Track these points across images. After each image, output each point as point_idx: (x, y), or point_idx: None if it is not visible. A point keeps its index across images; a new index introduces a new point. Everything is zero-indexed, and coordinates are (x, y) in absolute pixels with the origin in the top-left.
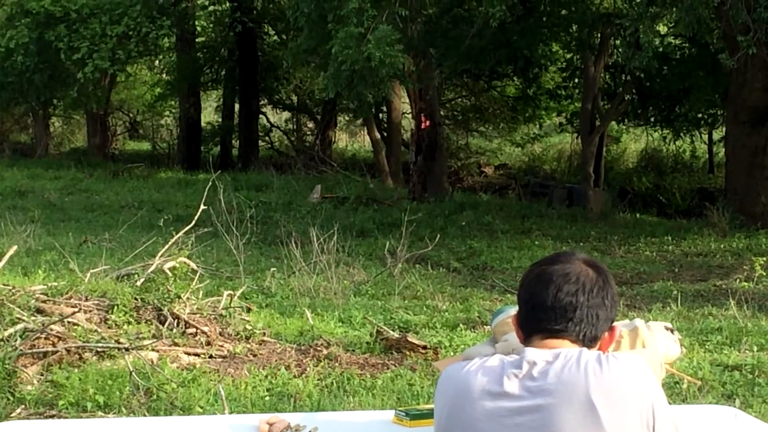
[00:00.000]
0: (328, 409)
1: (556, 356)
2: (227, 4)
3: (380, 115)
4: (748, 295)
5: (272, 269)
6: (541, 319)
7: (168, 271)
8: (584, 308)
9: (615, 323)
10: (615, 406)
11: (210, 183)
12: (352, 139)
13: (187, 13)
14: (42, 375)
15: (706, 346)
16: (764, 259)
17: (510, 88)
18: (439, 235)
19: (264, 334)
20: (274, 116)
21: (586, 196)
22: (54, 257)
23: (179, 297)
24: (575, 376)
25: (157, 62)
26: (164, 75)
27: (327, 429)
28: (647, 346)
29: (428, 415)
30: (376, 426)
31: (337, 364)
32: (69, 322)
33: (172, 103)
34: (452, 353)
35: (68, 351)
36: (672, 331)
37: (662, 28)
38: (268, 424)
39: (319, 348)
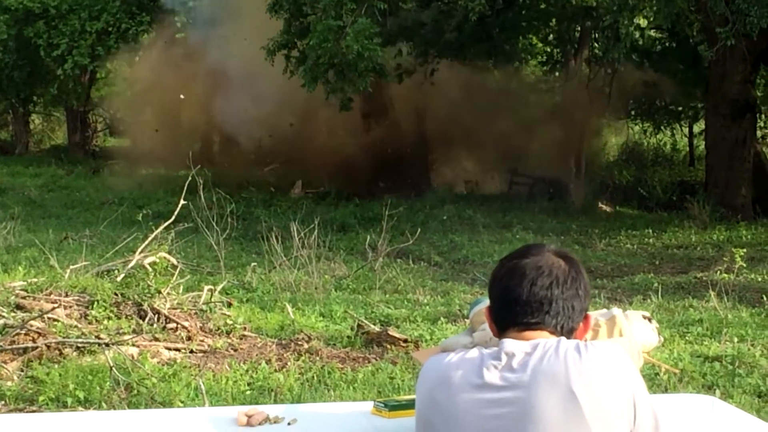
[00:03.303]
0: (309, 402)
1: (535, 347)
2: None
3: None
4: (729, 287)
5: (253, 264)
6: (518, 313)
7: (148, 267)
8: (559, 301)
9: (589, 312)
10: (596, 395)
11: (189, 178)
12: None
13: (166, 9)
14: (22, 371)
15: (687, 338)
16: (744, 250)
17: (490, 82)
18: (420, 230)
19: (245, 328)
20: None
21: (567, 189)
22: (34, 254)
23: (159, 292)
24: (555, 366)
25: (137, 58)
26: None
27: (306, 420)
28: (624, 335)
29: (407, 405)
30: (355, 417)
31: (317, 358)
32: (49, 318)
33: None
34: (433, 346)
35: (48, 347)
36: (649, 319)
37: (642, 21)
38: (246, 416)
39: (299, 342)
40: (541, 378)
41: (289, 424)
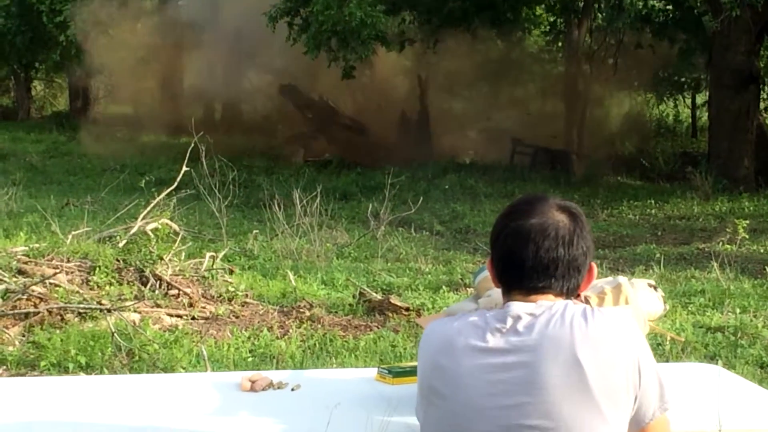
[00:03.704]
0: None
1: (541, 310)
2: None
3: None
4: (731, 258)
5: (255, 232)
6: (522, 277)
7: (150, 233)
8: (565, 261)
9: (593, 265)
10: (601, 362)
11: (192, 145)
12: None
13: None
14: (24, 336)
15: (689, 308)
16: (747, 222)
17: (493, 52)
18: (422, 199)
19: (246, 295)
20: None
21: (569, 159)
22: (36, 219)
23: (161, 258)
24: (560, 331)
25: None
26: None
27: (309, 386)
28: (630, 303)
29: (411, 372)
30: (358, 384)
31: (319, 326)
32: (51, 284)
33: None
34: (435, 312)
35: (50, 312)
36: (655, 288)
37: None
38: (250, 381)
39: (301, 310)
40: (546, 342)
41: (292, 389)
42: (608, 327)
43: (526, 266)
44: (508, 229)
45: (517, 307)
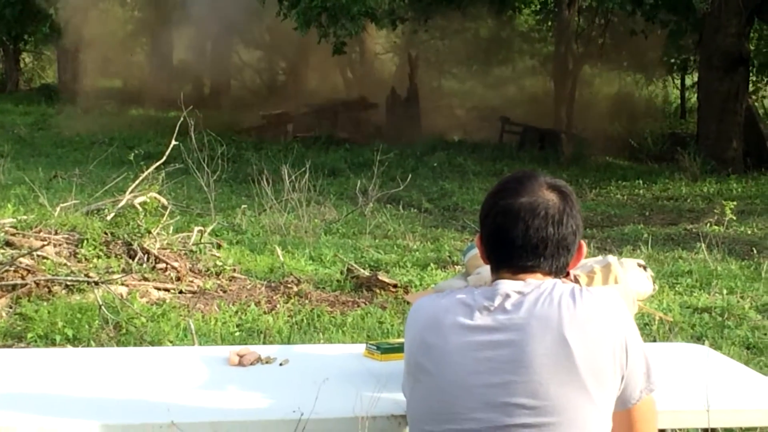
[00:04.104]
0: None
1: (530, 288)
2: None
3: (353, 55)
4: (718, 239)
5: (243, 207)
6: (512, 256)
7: (138, 206)
8: (554, 240)
9: (582, 243)
10: (588, 342)
11: (181, 119)
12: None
13: None
14: (11, 308)
15: (676, 289)
16: (735, 203)
17: (483, 30)
18: (410, 176)
19: (234, 270)
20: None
21: (558, 139)
22: (23, 191)
23: (149, 232)
24: (548, 310)
25: None
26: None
27: (297, 361)
28: (620, 282)
29: (399, 349)
30: (347, 359)
31: (307, 301)
32: (38, 256)
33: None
34: (422, 290)
35: (37, 284)
36: (644, 268)
37: None
38: (238, 355)
39: (289, 285)
40: (534, 322)
41: (280, 364)
42: (596, 307)
43: (516, 245)
44: (497, 207)
45: (506, 285)
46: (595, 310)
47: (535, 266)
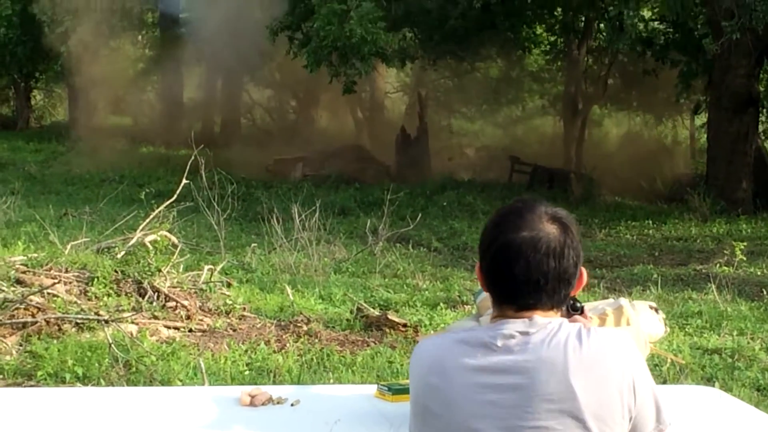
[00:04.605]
0: (308, 384)
1: (535, 329)
2: None
3: (363, 94)
4: (728, 280)
5: (253, 245)
6: (513, 292)
7: (149, 245)
8: (555, 275)
9: (583, 270)
10: (594, 385)
11: (192, 158)
12: (334, 118)
13: None
14: (21, 345)
15: (686, 330)
16: (744, 244)
17: (493, 70)
18: (420, 215)
19: (244, 309)
20: (256, 93)
21: (567, 179)
22: (34, 229)
23: (160, 270)
24: (554, 353)
25: (140, 37)
26: (147, 50)
27: (309, 402)
28: (632, 324)
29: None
30: (358, 400)
31: (317, 341)
32: (49, 294)
33: (154, 78)
34: (432, 332)
35: (47, 322)
36: (656, 310)
37: (646, 12)
38: (249, 395)
39: (299, 324)
40: (539, 365)
41: (292, 405)
42: (603, 348)
43: (518, 281)
44: (498, 242)
45: (511, 325)
46: (602, 352)
47: (537, 301)
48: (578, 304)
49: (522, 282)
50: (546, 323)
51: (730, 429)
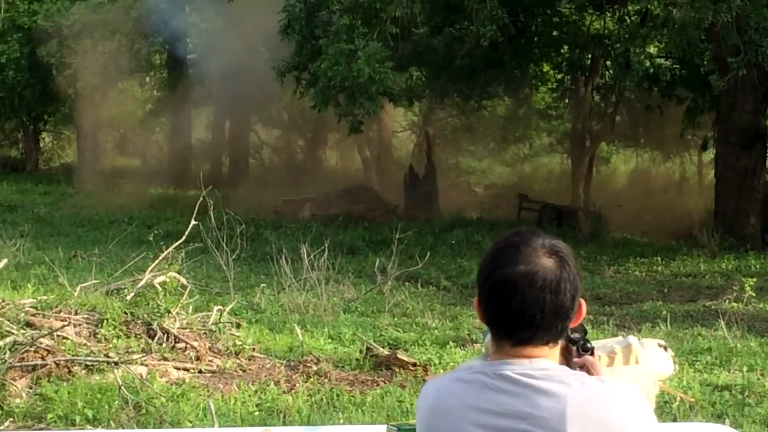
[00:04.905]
0: (318, 425)
1: (537, 373)
2: (220, 22)
3: (371, 133)
4: (738, 316)
5: (262, 285)
6: (510, 327)
7: (158, 286)
8: (552, 308)
9: (582, 302)
10: None
11: (200, 199)
12: (342, 158)
13: (178, 31)
14: (31, 388)
15: (696, 366)
16: (754, 280)
17: (500, 108)
18: (428, 254)
19: (253, 349)
20: (264, 133)
21: (576, 216)
22: (43, 271)
23: (169, 312)
24: (552, 402)
25: (148, 79)
26: (155, 92)
27: None
28: (640, 363)
29: None
30: None
31: (326, 381)
32: (58, 336)
33: (163, 119)
34: (442, 371)
35: (57, 364)
36: (665, 348)
37: (652, 49)
38: None
39: (308, 364)
40: (537, 412)
41: None
42: (605, 398)
43: (513, 315)
44: (494, 277)
45: (512, 367)
46: (603, 402)
47: (533, 335)
48: (588, 345)
49: (518, 316)
50: (546, 367)
51: None
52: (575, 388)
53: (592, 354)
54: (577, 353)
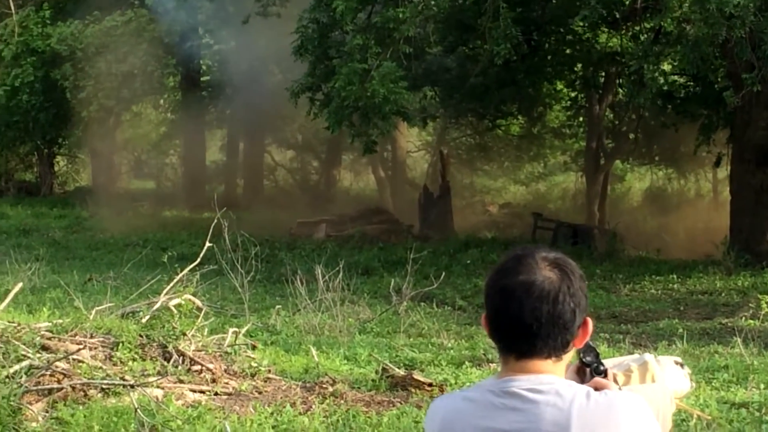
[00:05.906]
0: None
1: (544, 388)
2: (233, 44)
3: (385, 153)
4: (754, 333)
5: (277, 307)
6: (510, 338)
7: (173, 309)
8: (549, 318)
9: (588, 319)
10: None
11: (215, 221)
12: (357, 178)
13: (192, 52)
14: (47, 412)
15: (713, 384)
16: None
17: (514, 127)
18: (443, 274)
19: (269, 371)
20: (278, 155)
21: (591, 234)
22: (59, 295)
23: (184, 334)
24: (559, 416)
25: (162, 101)
26: (169, 114)
27: None
28: (657, 381)
29: None
30: None
31: (342, 402)
32: (74, 359)
33: (177, 141)
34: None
35: (73, 388)
36: (682, 365)
37: (666, 66)
38: None
39: (324, 385)
40: (543, 427)
41: None
42: (611, 410)
43: (511, 324)
44: (495, 288)
45: (518, 383)
46: (609, 415)
47: (531, 347)
48: (602, 368)
49: (515, 326)
50: (552, 382)
51: None
52: (580, 401)
53: (605, 376)
54: (590, 376)
